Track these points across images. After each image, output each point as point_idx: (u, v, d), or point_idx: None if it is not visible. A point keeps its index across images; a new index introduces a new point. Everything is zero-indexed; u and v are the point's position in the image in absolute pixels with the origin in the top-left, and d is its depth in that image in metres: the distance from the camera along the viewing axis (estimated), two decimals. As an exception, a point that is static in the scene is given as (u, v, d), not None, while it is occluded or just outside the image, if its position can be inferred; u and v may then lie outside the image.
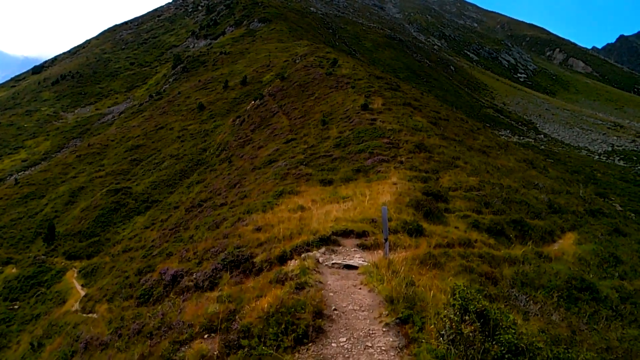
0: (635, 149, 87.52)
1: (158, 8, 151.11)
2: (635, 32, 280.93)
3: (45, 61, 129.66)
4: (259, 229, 11.36)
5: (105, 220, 39.78)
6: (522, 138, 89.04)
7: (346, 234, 9.45)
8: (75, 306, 21.69)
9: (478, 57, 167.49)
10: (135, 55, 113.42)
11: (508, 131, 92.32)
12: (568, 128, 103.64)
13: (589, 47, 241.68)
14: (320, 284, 6.18)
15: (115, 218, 39.97)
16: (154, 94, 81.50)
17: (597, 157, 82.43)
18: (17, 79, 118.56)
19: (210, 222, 17.66)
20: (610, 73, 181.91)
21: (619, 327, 8.33)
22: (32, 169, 65.69)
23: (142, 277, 13.44)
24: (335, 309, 5.66)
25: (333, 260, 7.64)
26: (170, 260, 13.55)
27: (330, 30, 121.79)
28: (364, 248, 8.66)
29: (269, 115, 42.98)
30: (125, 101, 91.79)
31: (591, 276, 10.61)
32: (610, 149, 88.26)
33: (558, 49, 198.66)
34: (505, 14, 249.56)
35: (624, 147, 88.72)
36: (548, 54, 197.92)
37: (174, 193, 40.57)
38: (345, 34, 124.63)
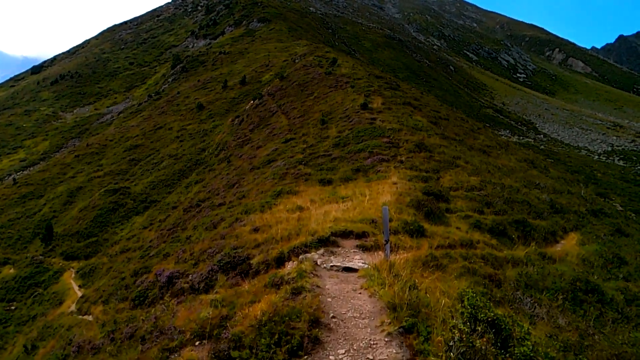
0: (634, 148, 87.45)
1: (157, 8, 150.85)
2: (634, 32, 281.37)
3: (45, 61, 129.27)
4: (256, 230, 11.14)
5: (103, 221, 39.59)
6: (522, 138, 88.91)
7: (345, 234, 9.20)
8: (72, 307, 21.48)
9: (477, 57, 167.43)
10: (135, 55, 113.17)
11: (507, 131, 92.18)
12: (568, 128, 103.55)
13: (589, 47, 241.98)
14: (318, 288, 5.89)
15: (113, 218, 39.78)
16: (153, 94, 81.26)
17: (597, 157, 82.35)
18: (16, 79, 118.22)
19: (208, 223, 17.45)
20: (610, 73, 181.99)
21: (626, 331, 8.13)
22: (31, 169, 65.43)
23: (138, 279, 13.24)
24: (333, 316, 5.32)
25: (332, 262, 7.39)
26: (167, 261, 13.34)
27: (330, 30, 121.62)
28: (363, 249, 8.41)
29: (268, 115, 42.77)
30: (124, 101, 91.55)
31: (596, 277, 10.41)
32: (609, 148, 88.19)
33: (557, 49, 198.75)
34: (504, 14, 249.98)
35: (623, 147, 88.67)
36: (547, 54, 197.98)
37: (172, 193, 40.37)
38: (344, 34, 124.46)
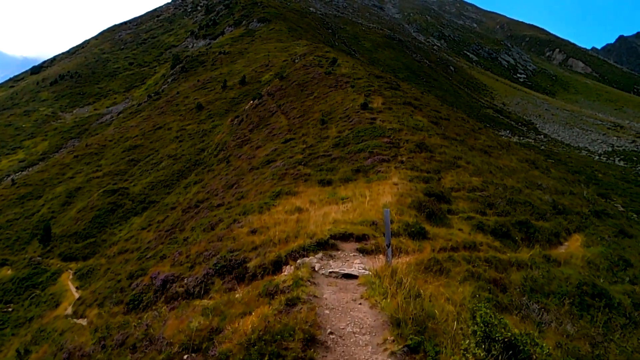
0: (635, 149, 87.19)
1: (157, 8, 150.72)
2: (634, 33, 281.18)
3: (44, 61, 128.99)
4: (254, 232, 10.89)
5: (101, 222, 39.31)
6: (522, 138, 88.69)
7: (345, 237, 8.91)
8: (69, 310, 21.23)
9: (477, 58, 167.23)
10: (134, 55, 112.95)
11: (508, 131, 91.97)
12: (568, 128, 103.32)
13: (589, 48, 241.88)
14: (314, 298, 5.50)
15: (111, 219, 39.50)
16: (153, 94, 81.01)
17: (598, 158, 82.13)
18: (16, 79, 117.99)
19: (206, 224, 17.20)
20: (610, 73, 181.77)
21: (635, 337, 7.89)
22: (30, 169, 65.21)
23: (134, 282, 12.99)
24: (331, 332, 4.83)
25: (331, 267, 7.08)
26: (163, 263, 13.11)
27: (330, 31, 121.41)
28: (364, 253, 8.11)
29: (267, 115, 42.51)
30: (124, 101, 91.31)
31: (602, 281, 10.16)
32: (610, 149, 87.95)
33: (557, 49, 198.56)
34: (504, 15, 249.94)
35: (624, 148, 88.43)
36: (547, 54, 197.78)
37: (171, 194, 40.11)
38: (344, 34, 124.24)
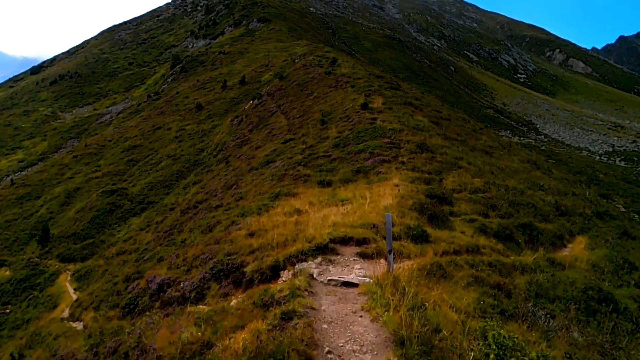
0: (636, 149, 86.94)
1: (157, 8, 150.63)
2: (634, 33, 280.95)
3: (44, 61, 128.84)
4: (252, 234, 10.67)
5: (100, 222, 39.09)
6: (523, 139, 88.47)
7: (345, 241, 8.66)
8: (65, 312, 21.01)
9: (478, 58, 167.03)
10: (134, 55, 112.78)
11: (508, 132, 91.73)
12: (568, 128, 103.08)
13: (589, 48, 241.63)
14: (312, 310, 5.16)
15: (110, 219, 39.29)
16: (152, 94, 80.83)
17: (598, 158, 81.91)
18: (16, 79, 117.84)
19: (204, 225, 16.99)
20: (610, 73, 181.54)
21: (643, 343, 7.66)
22: (29, 169, 65.01)
23: (130, 285, 12.79)
24: (329, 351, 4.43)
25: (330, 273, 6.85)
26: (160, 266, 12.90)
27: (330, 31, 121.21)
28: (364, 257, 7.85)
29: (267, 115, 42.30)
30: (124, 101, 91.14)
31: (607, 285, 9.94)
32: (611, 149, 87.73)
33: (558, 50, 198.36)
34: (504, 15, 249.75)
35: (624, 148, 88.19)
36: (548, 54, 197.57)
37: (170, 194, 39.90)
38: (344, 34, 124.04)
